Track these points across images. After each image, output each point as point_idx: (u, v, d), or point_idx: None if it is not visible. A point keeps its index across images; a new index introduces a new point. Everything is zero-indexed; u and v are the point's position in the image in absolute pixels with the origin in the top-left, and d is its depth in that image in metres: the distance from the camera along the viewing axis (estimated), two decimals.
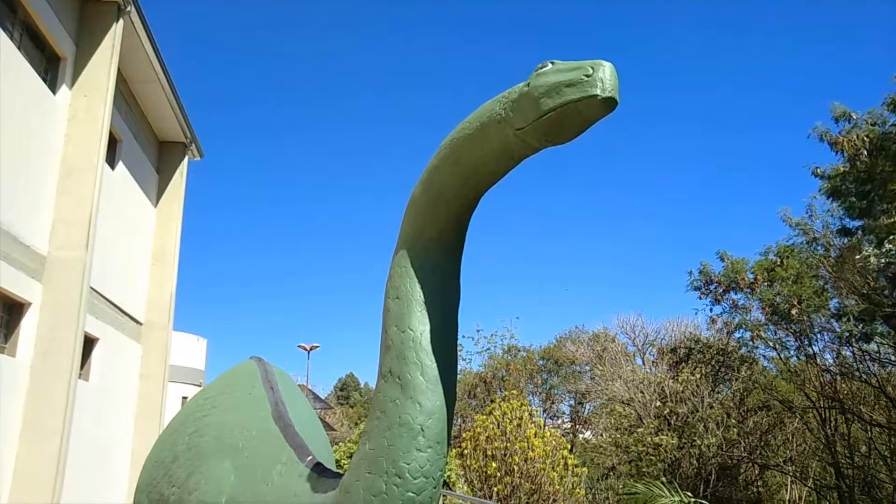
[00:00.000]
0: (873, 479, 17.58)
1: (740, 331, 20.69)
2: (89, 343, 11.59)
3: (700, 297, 21.28)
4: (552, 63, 2.08)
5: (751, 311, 19.92)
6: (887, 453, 17.78)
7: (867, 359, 17.61)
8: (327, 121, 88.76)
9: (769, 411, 20.55)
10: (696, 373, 21.19)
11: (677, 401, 20.52)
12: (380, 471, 2.22)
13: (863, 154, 13.00)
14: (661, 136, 64.20)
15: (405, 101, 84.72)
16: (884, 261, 12.44)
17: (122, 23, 10.87)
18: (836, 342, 18.44)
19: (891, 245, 12.19)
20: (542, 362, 35.93)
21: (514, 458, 15.82)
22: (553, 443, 16.50)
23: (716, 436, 19.20)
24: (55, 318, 9.45)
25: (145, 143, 14.63)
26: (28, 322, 9.26)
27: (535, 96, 2.03)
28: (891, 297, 14.47)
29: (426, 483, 2.21)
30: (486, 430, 16.62)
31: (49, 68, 10.28)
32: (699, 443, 19.04)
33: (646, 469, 19.79)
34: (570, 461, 16.39)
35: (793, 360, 19.90)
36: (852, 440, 18.28)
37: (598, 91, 1.91)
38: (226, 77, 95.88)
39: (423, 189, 2.45)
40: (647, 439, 19.60)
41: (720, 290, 20.11)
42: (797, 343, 19.28)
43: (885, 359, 17.24)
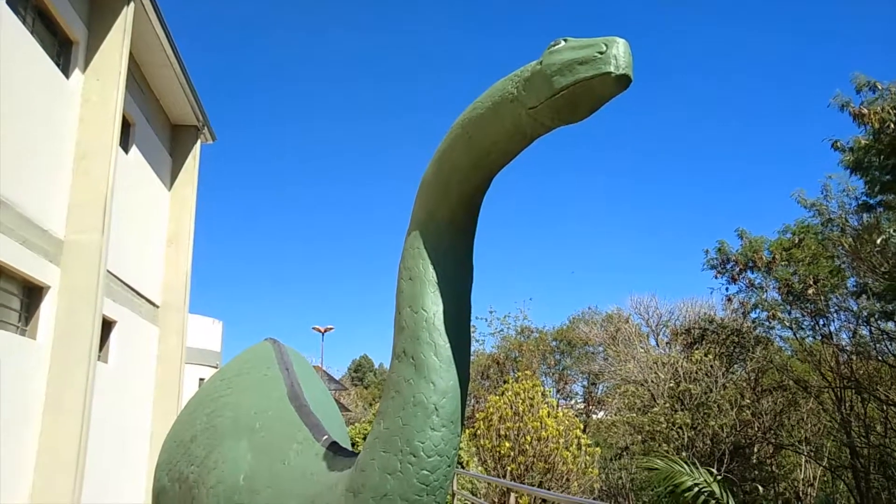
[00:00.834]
0: (889, 459, 17.50)
1: (756, 311, 20.55)
2: (107, 325, 11.76)
3: (716, 277, 21.13)
4: (565, 40, 2.05)
5: (767, 290, 19.77)
6: None
7: (885, 338, 17.45)
8: (340, 104, 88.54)
9: (784, 392, 20.46)
10: (710, 353, 21.13)
11: (691, 381, 20.49)
12: (395, 449, 2.24)
13: (889, 126, 12.61)
14: (676, 116, 63.46)
15: (419, 84, 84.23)
16: None
17: (132, 6, 10.86)
18: (854, 321, 18.28)
19: None
20: (554, 343, 35.98)
21: (527, 438, 15.92)
22: (566, 423, 16.59)
23: (729, 416, 19.18)
24: (73, 301, 9.58)
25: (158, 127, 14.69)
26: (47, 305, 9.41)
27: (548, 74, 2.00)
28: None
29: (440, 461, 2.23)
30: (498, 411, 16.73)
31: (62, 52, 10.31)
32: (713, 423, 19.03)
33: (659, 449, 19.84)
34: (583, 441, 16.47)
35: (808, 340, 19.77)
36: (868, 420, 18.18)
37: (612, 68, 1.88)
38: (237, 60, 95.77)
39: (434, 170, 2.44)
40: (661, 419, 19.62)
41: (737, 268, 19.94)
42: (813, 323, 19.14)
43: None
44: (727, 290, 21.64)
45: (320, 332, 38.42)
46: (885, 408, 18.05)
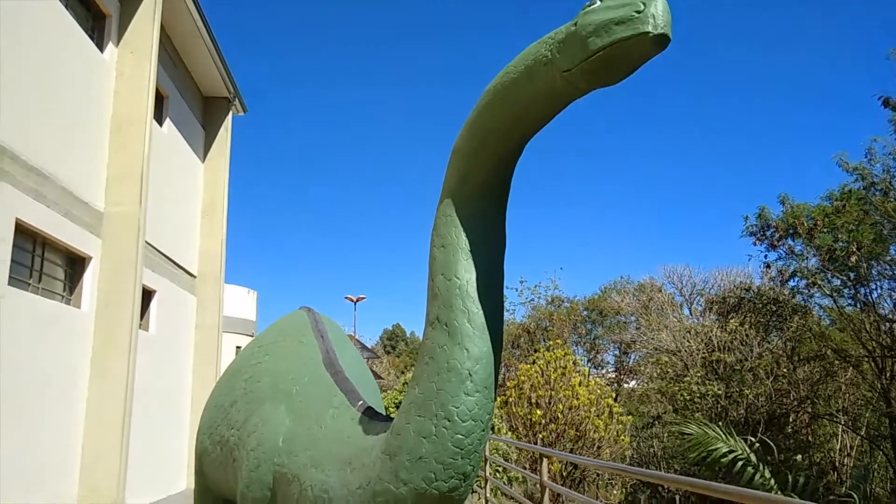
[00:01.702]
0: None
1: (795, 279, 20.11)
2: (147, 295, 12.09)
3: (755, 244, 20.69)
4: (600, 0, 1.99)
5: (808, 258, 19.31)
6: None
7: None
8: (372, 71, 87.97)
9: (822, 361, 20.09)
10: (745, 322, 20.81)
11: (725, 350, 20.25)
12: (429, 414, 2.28)
13: None
14: (716, 79, 61.53)
15: (453, 50, 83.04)
16: None
17: None
18: None
19: None
20: (586, 313, 35.84)
21: (559, 406, 16.00)
22: (598, 391, 16.60)
23: (765, 385, 18.95)
24: (114, 271, 9.86)
25: (190, 100, 14.83)
26: (89, 275, 9.70)
27: (583, 36, 1.94)
28: None
29: (475, 426, 2.25)
30: (530, 379, 16.82)
31: (95, 26, 10.43)
32: (747, 392, 18.84)
33: (691, 417, 19.76)
34: (615, 409, 16.49)
35: (849, 308, 19.31)
36: None
37: (650, 28, 1.81)
38: (266, 30, 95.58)
39: (467, 136, 2.41)
40: (693, 388, 19.49)
41: (777, 235, 19.48)
42: (854, 291, 18.66)
43: None
44: (765, 257, 21.21)
45: (353, 301, 38.96)
46: None
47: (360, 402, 3.13)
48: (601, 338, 35.38)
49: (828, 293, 19.15)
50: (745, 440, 10.59)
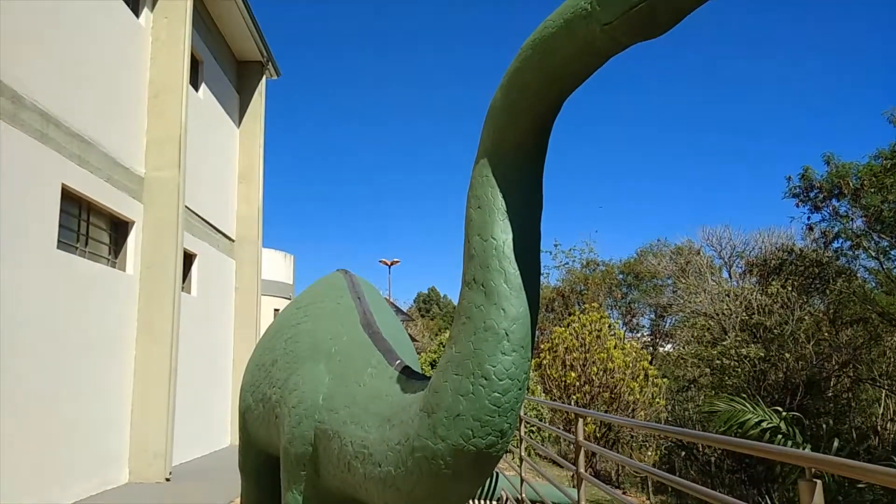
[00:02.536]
0: None
1: (839, 240, 19.54)
2: (188, 258, 12.40)
3: (797, 205, 20.13)
4: None
5: (853, 219, 18.69)
6: None
7: None
8: (408, 33, 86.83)
9: (865, 325, 19.61)
10: (787, 285, 20.37)
11: (765, 313, 19.90)
12: (467, 372, 2.30)
13: None
14: (758, 35, 59.04)
15: (494, 9, 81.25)
16: None
17: None
18: None
19: None
20: (621, 276, 35.52)
21: (594, 369, 16.03)
22: (633, 354, 16.55)
23: (805, 349, 18.62)
24: (156, 235, 10.12)
25: (225, 64, 14.90)
26: (133, 239, 9.98)
27: None
28: None
29: (512, 384, 2.27)
30: (564, 342, 16.84)
31: None
32: (787, 356, 18.55)
33: (729, 382, 19.58)
34: (650, 372, 16.44)
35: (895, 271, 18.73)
36: None
37: None
38: None
39: (503, 94, 2.37)
40: (732, 352, 19.27)
41: (821, 196, 18.88)
42: None
43: None
44: (808, 219, 20.64)
45: (387, 265, 39.33)
46: None
47: (398, 361, 3.18)
48: (637, 301, 35.10)
49: (874, 255, 18.58)
50: (777, 412, 10.51)
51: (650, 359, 19.14)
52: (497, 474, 8.62)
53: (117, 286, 9.41)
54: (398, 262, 39.47)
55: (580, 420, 4.58)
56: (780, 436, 9.72)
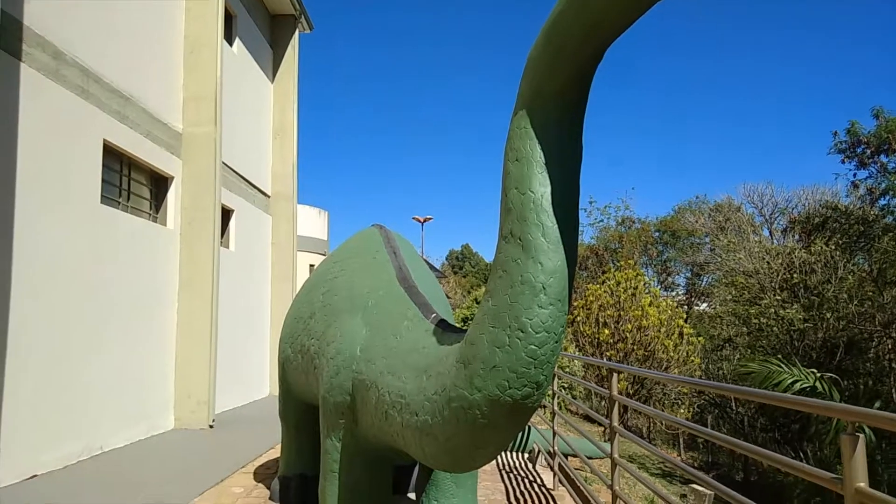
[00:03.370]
0: None
1: (886, 197, 18.83)
2: (226, 214, 12.61)
3: (843, 161, 19.40)
4: None
5: None
6: None
7: None
8: None
9: None
10: (830, 243, 19.81)
11: (807, 272, 19.43)
12: (503, 325, 2.31)
13: None
14: None
15: None
16: None
17: None
18: None
19: None
20: (657, 234, 34.97)
21: (628, 326, 15.97)
22: (668, 312, 16.41)
23: (847, 309, 18.19)
24: (195, 190, 10.29)
25: (258, 18, 14.81)
26: (172, 194, 10.17)
27: None
28: None
29: (548, 337, 2.27)
30: (598, 299, 16.77)
31: None
32: (828, 315, 18.17)
33: (766, 342, 19.32)
34: (685, 330, 16.31)
35: None
36: None
37: None
38: None
39: (543, 43, 2.30)
40: (771, 311, 18.94)
41: (868, 152, 18.13)
42: None
43: None
44: (854, 176, 19.89)
45: (420, 221, 39.35)
46: None
47: (434, 314, 3.21)
48: (673, 260, 34.60)
49: None
50: (812, 373, 10.36)
51: (685, 317, 18.95)
52: (529, 428, 8.74)
53: (158, 240, 9.65)
54: (431, 219, 39.45)
55: (614, 375, 4.59)
56: (816, 396, 9.62)
